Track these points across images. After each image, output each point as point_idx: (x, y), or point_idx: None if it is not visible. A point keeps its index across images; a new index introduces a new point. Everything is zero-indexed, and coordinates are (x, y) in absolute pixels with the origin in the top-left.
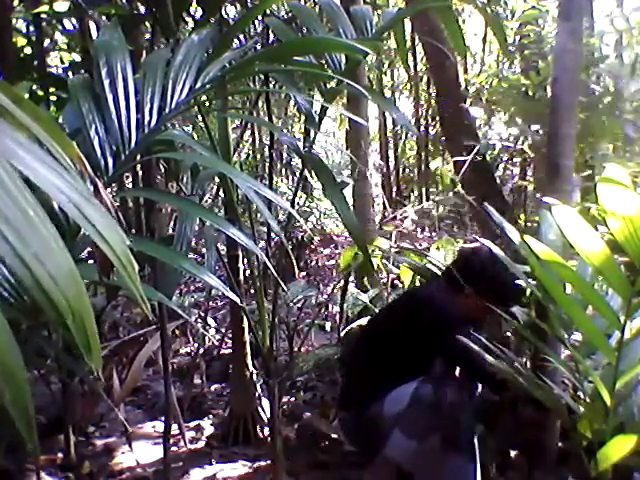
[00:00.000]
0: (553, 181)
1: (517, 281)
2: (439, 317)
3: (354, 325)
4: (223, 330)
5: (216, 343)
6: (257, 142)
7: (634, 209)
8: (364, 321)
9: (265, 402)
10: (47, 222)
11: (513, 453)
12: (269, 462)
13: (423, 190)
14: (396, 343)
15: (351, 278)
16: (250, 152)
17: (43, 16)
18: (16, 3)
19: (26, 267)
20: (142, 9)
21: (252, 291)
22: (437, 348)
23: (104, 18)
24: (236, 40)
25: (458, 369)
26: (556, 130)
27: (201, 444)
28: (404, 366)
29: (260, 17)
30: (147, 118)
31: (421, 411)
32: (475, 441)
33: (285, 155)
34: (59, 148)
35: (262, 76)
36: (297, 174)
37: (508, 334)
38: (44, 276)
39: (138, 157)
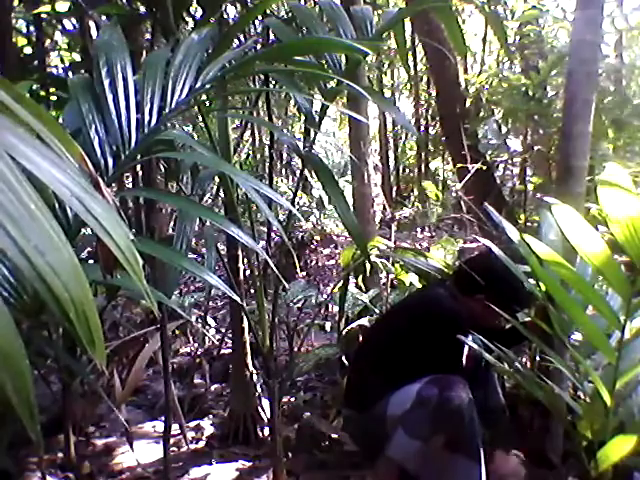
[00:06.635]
0: (565, 182)
1: (527, 286)
2: (448, 321)
3: (354, 325)
4: (223, 330)
5: (216, 343)
6: (257, 142)
7: (634, 211)
8: (364, 321)
9: (265, 402)
10: (48, 215)
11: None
12: (269, 462)
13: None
14: (402, 344)
15: (351, 278)
16: (250, 152)
17: (43, 16)
18: (16, 3)
19: (27, 260)
20: (142, 9)
21: (252, 291)
22: (443, 351)
23: (104, 18)
24: (236, 40)
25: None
26: (570, 128)
27: (201, 444)
28: (410, 367)
29: (260, 17)
30: (147, 118)
31: (426, 412)
32: (480, 442)
33: (285, 155)
34: (61, 145)
35: (262, 76)
36: (297, 174)
37: None
38: (46, 269)
39: (138, 157)
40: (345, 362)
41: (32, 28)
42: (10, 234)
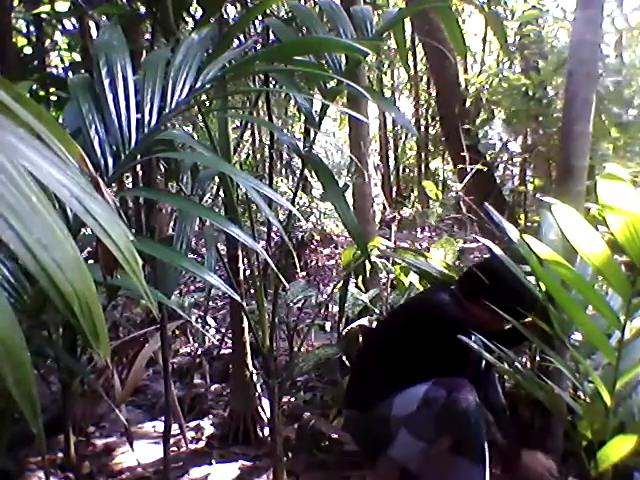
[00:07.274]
0: (565, 182)
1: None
2: (452, 328)
3: (354, 325)
4: (223, 330)
5: (216, 343)
6: (257, 142)
7: (634, 207)
8: (364, 321)
9: (265, 402)
10: (50, 209)
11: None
12: (269, 462)
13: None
14: (404, 346)
15: (351, 278)
16: (250, 152)
17: (43, 16)
18: (16, 3)
19: (30, 253)
20: (142, 9)
21: (252, 291)
22: (446, 355)
23: (104, 18)
24: (236, 40)
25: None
26: (570, 127)
27: (201, 444)
28: (411, 369)
29: (260, 17)
30: (147, 118)
31: (432, 414)
32: (485, 444)
33: (285, 155)
34: (61, 145)
35: (262, 76)
36: (297, 174)
37: None
38: (49, 262)
39: (138, 157)
40: (345, 362)
41: (32, 28)
42: (13, 227)
